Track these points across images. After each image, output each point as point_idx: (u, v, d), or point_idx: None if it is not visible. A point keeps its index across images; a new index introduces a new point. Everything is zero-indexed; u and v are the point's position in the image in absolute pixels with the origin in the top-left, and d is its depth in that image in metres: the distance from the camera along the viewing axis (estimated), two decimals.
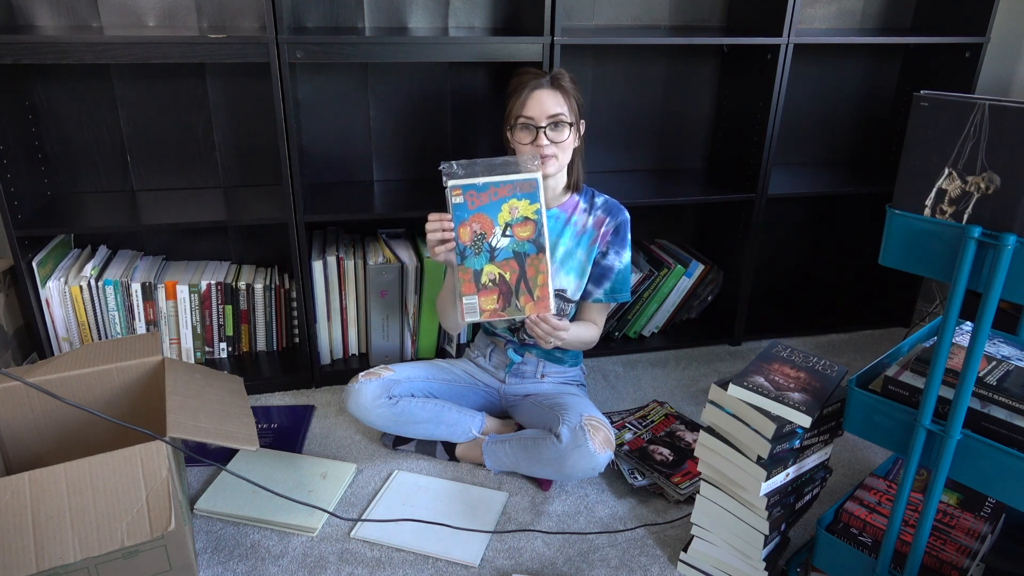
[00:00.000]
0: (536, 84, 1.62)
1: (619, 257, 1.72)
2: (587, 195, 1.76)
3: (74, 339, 1.98)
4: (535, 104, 1.61)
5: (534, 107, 1.61)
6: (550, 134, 1.61)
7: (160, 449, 1.25)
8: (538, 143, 1.61)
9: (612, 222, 1.73)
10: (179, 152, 2.06)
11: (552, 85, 1.63)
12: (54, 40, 1.65)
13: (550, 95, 1.61)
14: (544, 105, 1.60)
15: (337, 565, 1.45)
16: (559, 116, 1.61)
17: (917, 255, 1.03)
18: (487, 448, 1.70)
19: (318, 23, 2.01)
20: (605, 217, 1.73)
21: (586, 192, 1.76)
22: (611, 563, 1.47)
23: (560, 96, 1.62)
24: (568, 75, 1.66)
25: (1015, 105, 0.90)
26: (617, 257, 1.72)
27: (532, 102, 1.61)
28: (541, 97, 1.61)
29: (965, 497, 1.35)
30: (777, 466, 1.24)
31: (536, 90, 1.61)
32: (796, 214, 2.58)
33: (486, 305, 1.51)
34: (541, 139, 1.61)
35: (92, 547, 1.15)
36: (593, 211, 1.74)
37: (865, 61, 2.40)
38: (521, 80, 1.65)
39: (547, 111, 1.60)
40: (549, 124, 1.61)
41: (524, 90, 1.62)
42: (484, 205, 1.48)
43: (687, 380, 2.16)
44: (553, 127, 1.61)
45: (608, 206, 1.75)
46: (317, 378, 2.08)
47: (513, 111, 1.64)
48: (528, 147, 1.63)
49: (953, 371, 1.06)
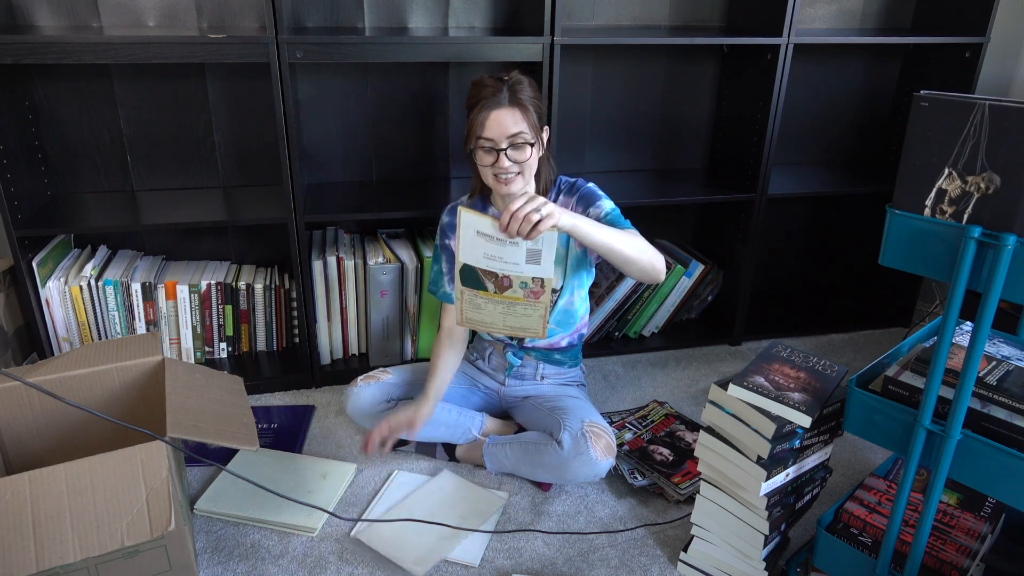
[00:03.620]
0: (494, 103, 1.52)
1: (599, 209, 1.62)
2: (556, 189, 1.70)
3: (74, 339, 1.98)
4: (494, 125, 1.52)
5: (493, 128, 1.52)
6: (511, 154, 1.54)
7: (160, 449, 1.25)
8: (499, 165, 1.54)
9: (570, 198, 1.67)
10: (179, 152, 2.06)
11: (511, 102, 1.52)
12: (54, 40, 1.65)
13: (509, 114, 1.52)
14: (503, 126, 1.52)
15: (337, 565, 1.45)
16: (519, 136, 1.53)
17: (917, 255, 1.03)
18: (487, 450, 1.70)
19: (318, 23, 2.01)
20: (569, 199, 1.67)
21: (556, 186, 1.70)
22: (611, 563, 1.47)
23: (519, 113, 1.53)
24: (527, 81, 1.57)
25: (1015, 105, 0.90)
26: (597, 210, 1.62)
27: (491, 123, 1.52)
28: (500, 118, 1.51)
29: (965, 497, 1.35)
30: (777, 466, 1.24)
31: (494, 110, 1.51)
32: (796, 214, 2.58)
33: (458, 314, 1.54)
34: (503, 161, 1.53)
35: (92, 547, 1.15)
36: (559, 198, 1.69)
37: (865, 61, 2.40)
38: (478, 93, 1.55)
39: (506, 131, 1.52)
40: (510, 145, 1.53)
41: (481, 109, 1.53)
42: None
43: (687, 380, 2.16)
44: (514, 148, 1.54)
45: (569, 186, 1.68)
46: (317, 378, 2.08)
47: (472, 131, 1.55)
48: (489, 168, 1.57)
49: (953, 371, 1.06)
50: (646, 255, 1.52)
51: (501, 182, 1.57)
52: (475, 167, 1.64)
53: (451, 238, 1.75)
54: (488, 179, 1.60)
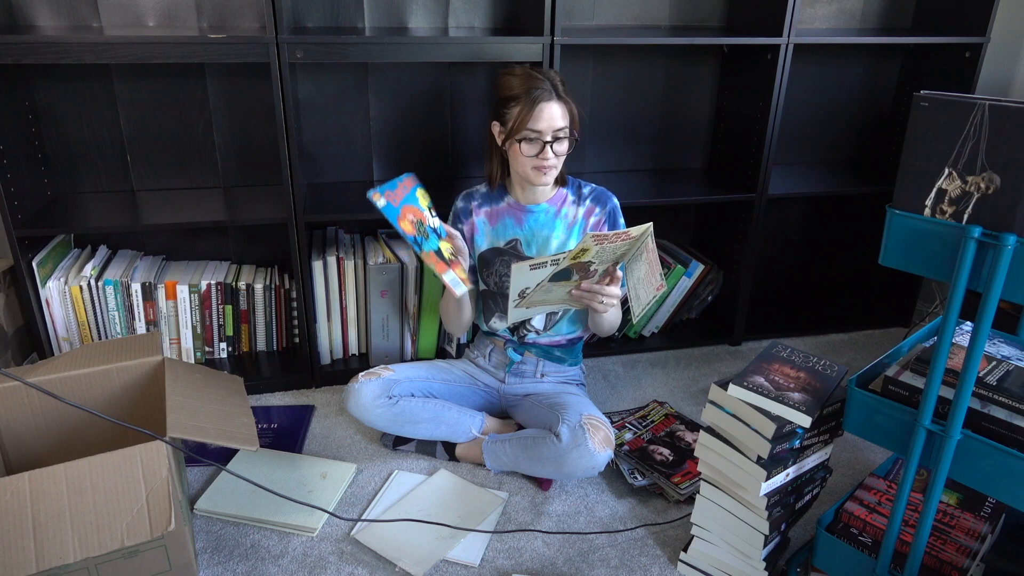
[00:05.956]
0: (544, 95, 1.59)
1: None
2: (573, 186, 1.77)
3: (74, 339, 1.98)
4: (546, 118, 1.59)
5: (544, 121, 1.59)
6: (555, 147, 1.61)
7: (160, 449, 1.25)
8: (544, 156, 1.61)
9: (602, 211, 1.75)
10: (179, 152, 2.06)
11: (558, 96, 1.61)
12: (54, 40, 1.65)
13: (558, 107, 1.60)
14: (553, 119, 1.59)
15: (337, 565, 1.45)
16: (563, 130, 1.61)
17: (917, 255, 1.03)
18: (487, 448, 1.70)
19: (318, 23, 2.01)
20: (595, 207, 1.75)
21: (572, 183, 1.77)
22: (611, 563, 1.47)
23: (564, 108, 1.62)
24: (559, 78, 1.65)
25: (1015, 105, 0.90)
26: None
27: (542, 116, 1.59)
28: (551, 111, 1.59)
29: (965, 497, 1.35)
30: (777, 466, 1.24)
31: (546, 103, 1.59)
32: (796, 214, 2.58)
33: (461, 275, 1.60)
34: (547, 153, 1.61)
35: (92, 547, 1.15)
36: (582, 201, 1.75)
37: (865, 61, 2.40)
38: (522, 85, 1.61)
39: (555, 125, 1.60)
40: (554, 139, 1.61)
41: (531, 101, 1.58)
42: (404, 197, 1.57)
43: (687, 380, 2.16)
44: (558, 140, 1.61)
45: (596, 195, 1.76)
46: (317, 378, 2.08)
47: (520, 122, 1.60)
48: (531, 160, 1.62)
49: (953, 371, 1.06)
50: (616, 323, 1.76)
51: (541, 172, 1.64)
52: (497, 152, 1.70)
53: (464, 223, 1.79)
54: (526, 169, 1.65)
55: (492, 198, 1.78)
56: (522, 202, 1.75)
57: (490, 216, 1.77)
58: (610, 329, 1.76)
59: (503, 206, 1.76)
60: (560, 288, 1.52)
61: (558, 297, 1.56)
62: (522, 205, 1.74)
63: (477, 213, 1.77)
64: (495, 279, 1.77)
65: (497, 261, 1.75)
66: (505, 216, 1.76)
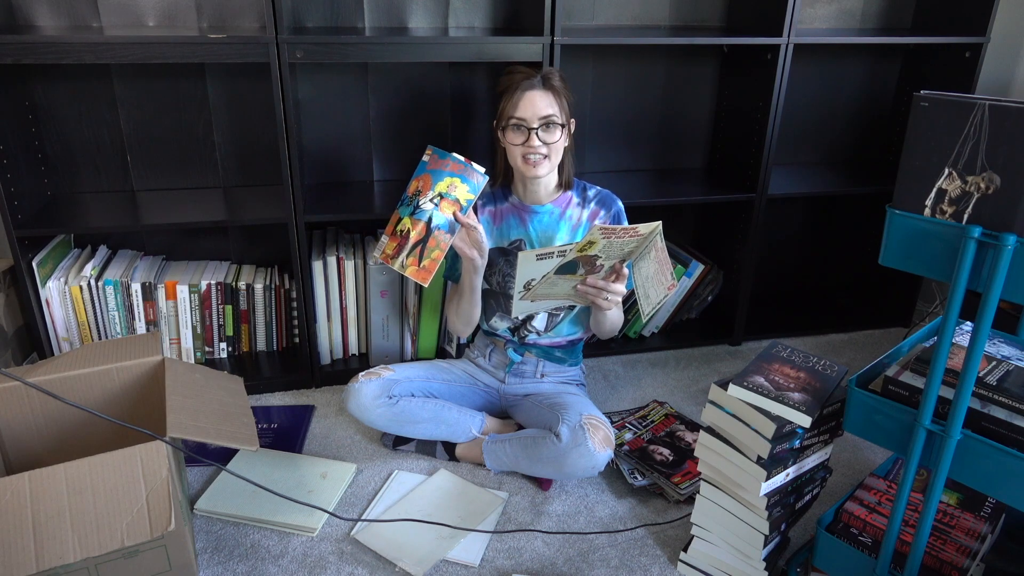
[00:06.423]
0: (528, 84, 1.61)
1: None
2: (579, 189, 1.77)
3: (74, 339, 1.98)
4: (527, 105, 1.60)
5: (526, 108, 1.60)
6: (542, 135, 1.61)
7: (160, 449, 1.25)
8: (529, 144, 1.61)
9: (607, 214, 1.75)
10: (179, 152, 2.06)
11: (544, 85, 1.62)
12: (54, 40, 1.65)
13: (542, 96, 1.61)
14: (536, 106, 1.60)
15: (337, 565, 1.45)
16: (551, 117, 1.61)
17: (917, 255, 1.03)
18: (487, 448, 1.70)
19: (318, 23, 2.01)
20: (599, 209, 1.75)
21: (577, 186, 1.77)
22: (611, 563, 1.47)
23: (551, 97, 1.62)
24: (559, 73, 1.66)
25: (1015, 105, 0.90)
26: None
27: (524, 103, 1.60)
28: (533, 98, 1.60)
29: (965, 497, 1.35)
30: (777, 466, 1.24)
31: (528, 91, 1.61)
32: (796, 214, 2.58)
33: (388, 249, 1.61)
34: (533, 140, 1.61)
35: (92, 547, 1.15)
36: (587, 204, 1.75)
37: (865, 61, 2.40)
38: (512, 79, 1.64)
39: (539, 112, 1.60)
40: (541, 125, 1.61)
41: (516, 90, 1.61)
42: (435, 169, 1.59)
43: (687, 380, 2.16)
44: (545, 128, 1.61)
45: (601, 198, 1.76)
46: (317, 378, 2.08)
47: (505, 111, 1.64)
48: (519, 148, 1.63)
49: (953, 371, 1.06)
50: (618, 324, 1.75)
51: (529, 163, 1.64)
52: (503, 150, 1.71)
53: None
54: (516, 160, 1.65)
55: (496, 198, 1.78)
56: (525, 202, 1.75)
57: (494, 216, 1.77)
58: (611, 331, 1.76)
59: (507, 206, 1.76)
60: (565, 282, 1.52)
61: (563, 291, 1.56)
62: (526, 205, 1.75)
63: (481, 212, 1.77)
64: (498, 278, 1.77)
65: (501, 261, 1.75)
66: (509, 216, 1.76)
